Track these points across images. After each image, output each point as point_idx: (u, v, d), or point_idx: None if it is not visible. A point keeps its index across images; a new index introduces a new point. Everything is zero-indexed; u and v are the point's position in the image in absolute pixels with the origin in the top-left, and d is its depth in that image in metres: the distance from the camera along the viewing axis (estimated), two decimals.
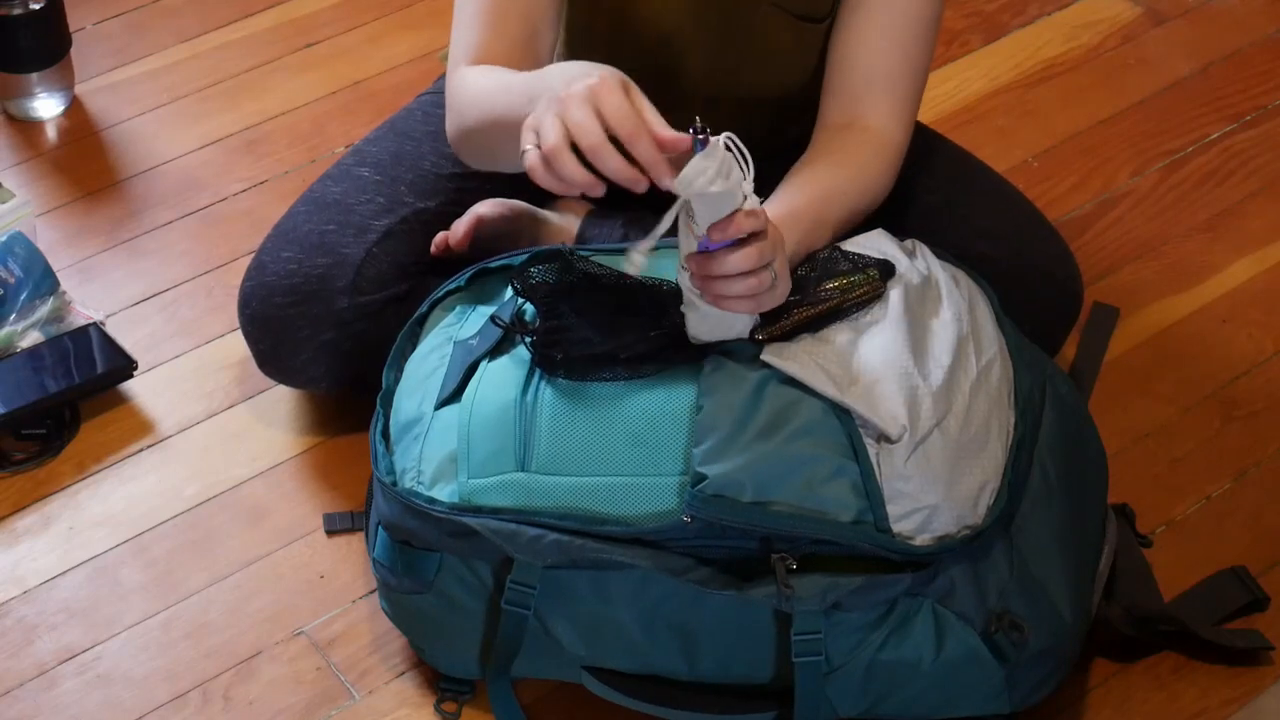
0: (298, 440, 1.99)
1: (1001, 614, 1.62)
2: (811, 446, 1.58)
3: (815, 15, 1.82)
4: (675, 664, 1.67)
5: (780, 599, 1.57)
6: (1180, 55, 2.49)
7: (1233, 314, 2.15)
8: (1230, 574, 1.84)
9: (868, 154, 1.78)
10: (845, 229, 1.76)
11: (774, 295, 1.60)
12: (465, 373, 1.69)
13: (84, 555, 1.88)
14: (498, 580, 1.66)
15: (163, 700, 1.76)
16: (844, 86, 1.80)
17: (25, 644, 1.81)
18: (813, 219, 1.71)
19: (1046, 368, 1.77)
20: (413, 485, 1.67)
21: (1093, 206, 2.28)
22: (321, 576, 1.87)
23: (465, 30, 1.77)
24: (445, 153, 1.96)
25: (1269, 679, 1.78)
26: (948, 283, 1.74)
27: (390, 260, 1.89)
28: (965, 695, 1.66)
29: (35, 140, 2.34)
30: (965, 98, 2.43)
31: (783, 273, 1.59)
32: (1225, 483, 1.96)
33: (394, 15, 2.54)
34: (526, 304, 1.69)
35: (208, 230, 2.23)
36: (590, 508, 1.61)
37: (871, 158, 1.79)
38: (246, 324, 1.92)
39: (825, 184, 1.74)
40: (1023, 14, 2.56)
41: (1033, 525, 1.66)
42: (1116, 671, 1.78)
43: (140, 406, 2.03)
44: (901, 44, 1.79)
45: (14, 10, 2.26)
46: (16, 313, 2.04)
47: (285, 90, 2.42)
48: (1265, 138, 2.37)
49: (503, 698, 1.71)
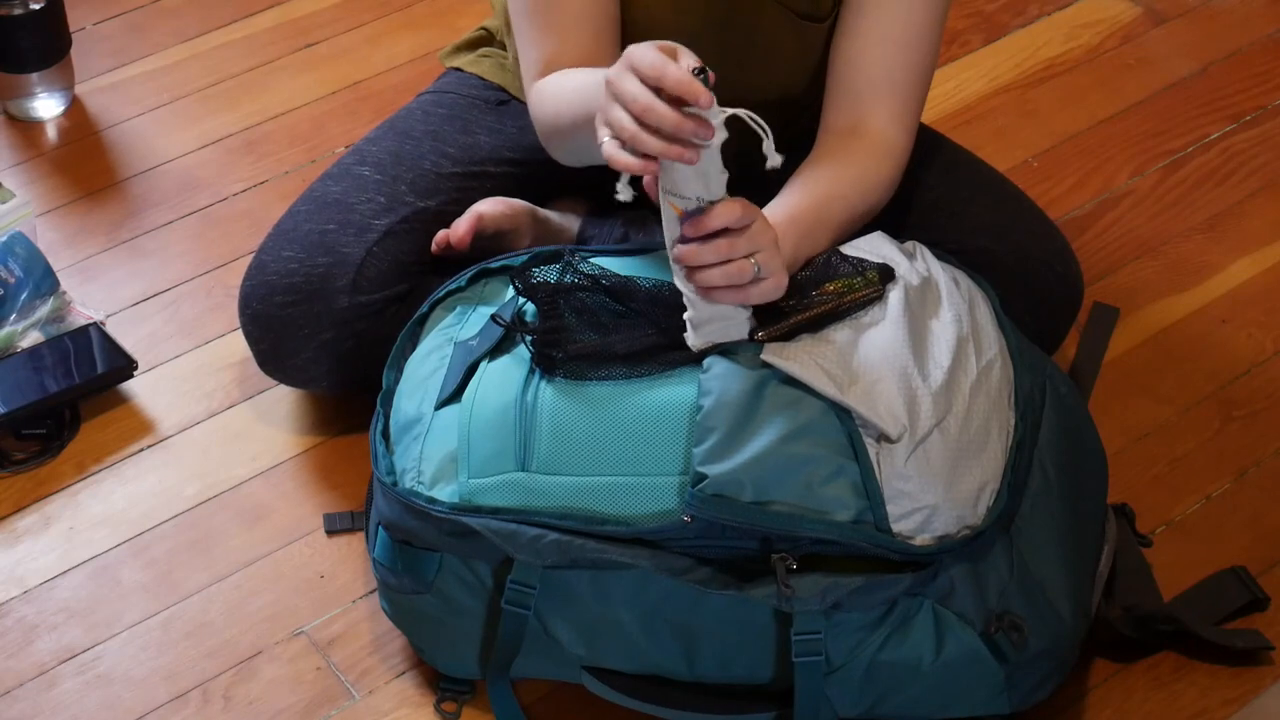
0: (298, 440, 1.99)
1: (1001, 614, 1.62)
2: (811, 446, 1.58)
3: (817, 15, 1.82)
4: (675, 664, 1.67)
5: (780, 599, 1.57)
6: (1180, 55, 2.49)
7: (1233, 314, 2.15)
8: (1230, 574, 1.84)
9: (870, 159, 1.79)
10: (847, 232, 1.76)
11: (763, 289, 1.59)
12: (465, 373, 1.70)
13: (84, 555, 1.88)
14: (498, 580, 1.66)
15: (163, 700, 1.76)
16: (847, 91, 1.80)
17: (25, 644, 1.81)
18: (813, 221, 1.71)
19: (1047, 368, 1.77)
20: (413, 485, 1.67)
21: (1093, 206, 2.28)
22: (321, 576, 1.87)
23: (531, 48, 1.78)
24: (445, 152, 1.96)
25: (1269, 679, 1.78)
26: (948, 283, 1.74)
27: (391, 260, 1.89)
28: (965, 695, 1.66)
29: (35, 140, 2.34)
30: (965, 98, 2.43)
31: (774, 266, 1.59)
32: (1225, 483, 1.96)
33: (394, 15, 2.54)
34: (527, 303, 1.69)
35: (208, 230, 2.23)
36: (590, 508, 1.61)
37: (874, 162, 1.79)
38: (247, 324, 1.92)
39: (827, 187, 1.74)
40: (1023, 14, 2.56)
41: (1033, 525, 1.66)
42: (1116, 671, 1.78)
43: (140, 406, 2.03)
44: (904, 49, 1.79)
45: (14, 10, 2.26)
46: (16, 313, 2.04)
47: (285, 90, 2.42)
48: (1265, 138, 2.37)
49: (503, 698, 1.71)
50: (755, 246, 1.57)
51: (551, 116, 1.74)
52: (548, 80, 1.76)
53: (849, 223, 1.76)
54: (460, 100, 2.01)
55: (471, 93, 2.02)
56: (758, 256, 1.57)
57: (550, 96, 1.74)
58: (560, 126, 1.74)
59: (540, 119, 1.77)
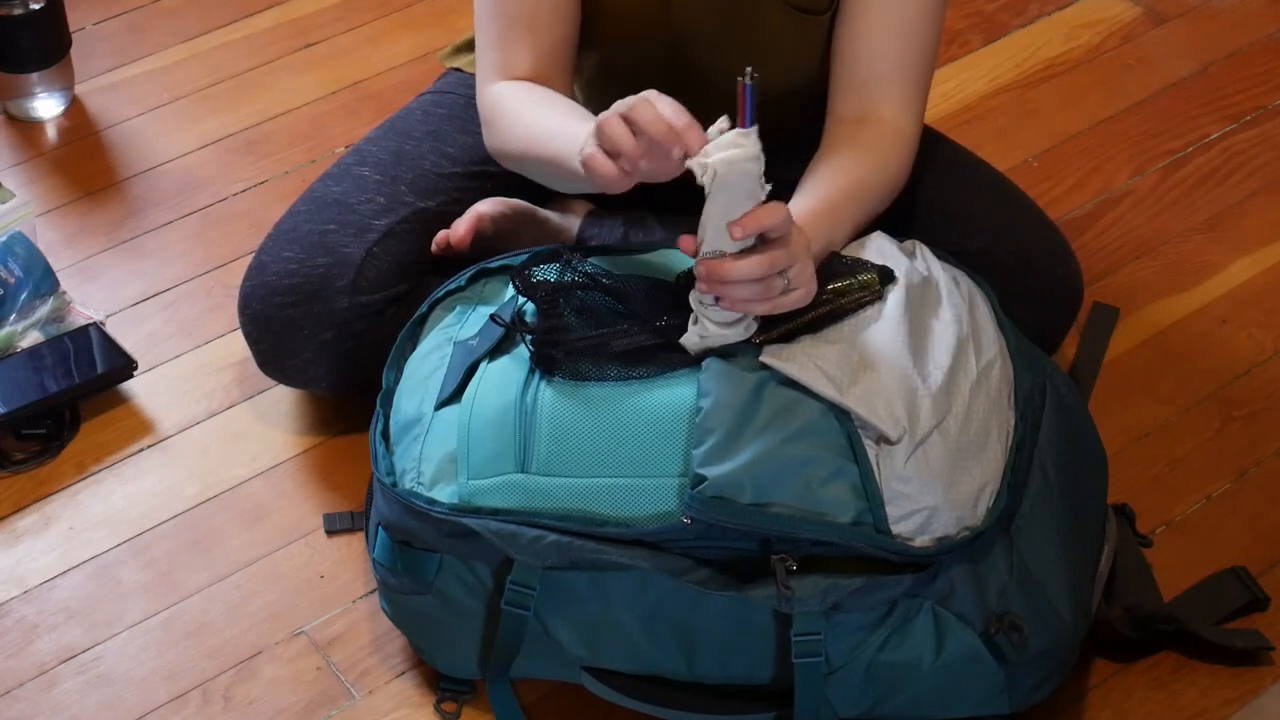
0: (298, 440, 1.99)
1: (1001, 615, 1.61)
2: (811, 448, 1.58)
3: (816, 8, 1.82)
4: (675, 665, 1.67)
5: (780, 600, 1.57)
6: (1180, 55, 2.49)
7: (1233, 314, 2.15)
8: (1230, 574, 1.84)
9: (886, 145, 1.79)
10: (869, 219, 1.76)
11: (793, 299, 1.60)
12: (465, 373, 1.70)
13: (84, 555, 1.88)
14: (497, 581, 1.66)
15: (163, 700, 1.76)
16: (854, 80, 1.81)
17: (25, 644, 1.81)
18: (842, 211, 1.73)
19: (1047, 368, 1.77)
20: (413, 486, 1.67)
21: (1093, 206, 2.28)
22: (321, 576, 1.87)
23: (491, 49, 1.80)
24: (445, 152, 1.96)
25: (1269, 679, 1.78)
26: (948, 284, 1.74)
27: (390, 260, 1.89)
28: (965, 696, 1.66)
29: (35, 140, 2.34)
30: (965, 98, 2.43)
31: (805, 278, 1.60)
32: (1225, 483, 1.96)
33: (394, 15, 2.54)
34: (527, 303, 1.69)
35: (208, 230, 2.23)
36: (590, 509, 1.61)
37: (890, 149, 1.79)
38: (247, 324, 1.92)
39: (851, 175, 1.75)
40: (1023, 14, 2.56)
41: (1033, 526, 1.66)
42: (1116, 671, 1.78)
43: (140, 406, 2.03)
44: (908, 35, 1.79)
45: (14, 10, 2.26)
46: (16, 313, 2.04)
47: (285, 90, 2.42)
48: (1265, 138, 2.37)
49: (503, 698, 1.71)
50: (793, 259, 1.57)
51: (512, 138, 1.78)
52: (506, 96, 1.79)
53: (873, 210, 1.77)
54: (460, 100, 2.01)
55: (471, 93, 2.01)
56: (791, 270, 1.58)
57: (509, 118, 1.78)
58: (510, 152, 1.79)
59: (499, 128, 1.80)
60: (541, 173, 1.76)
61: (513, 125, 1.77)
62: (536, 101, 1.76)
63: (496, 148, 1.82)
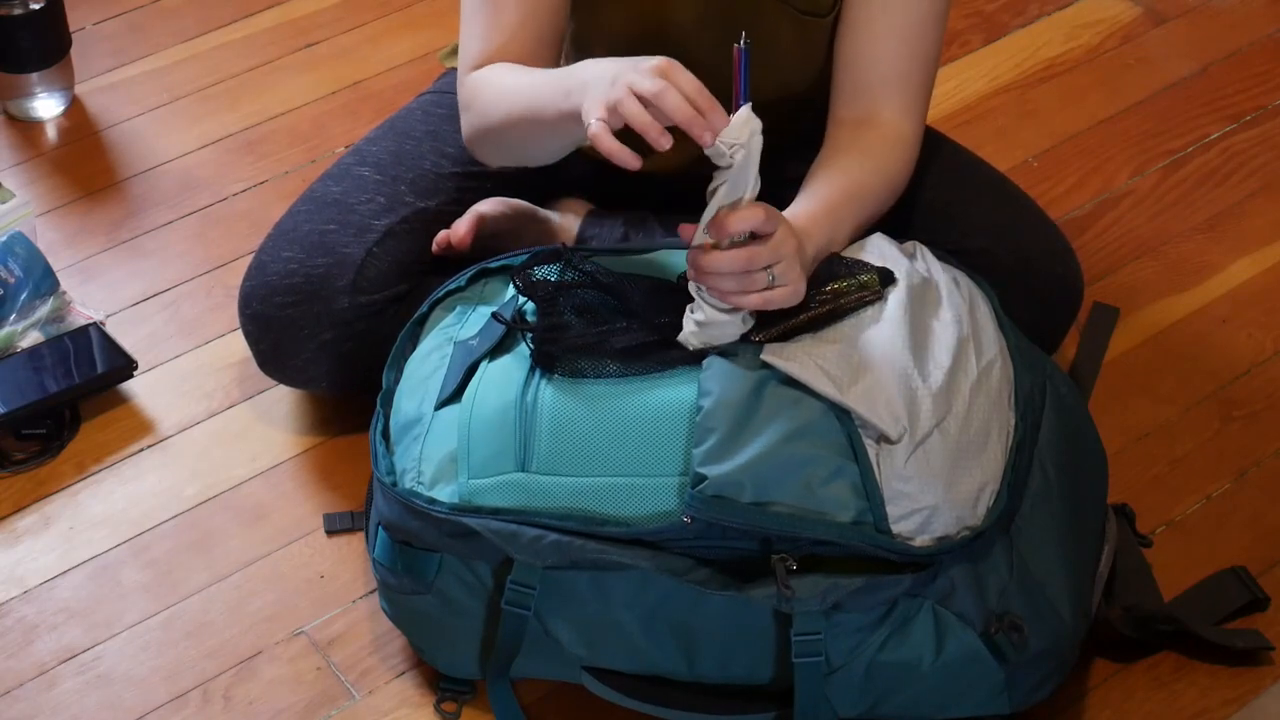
0: (298, 440, 1.99)
1: (1001, 615, 1.61)
2: (811, 447, 1.58)
3: (818, 10, 1.82)
4: (675, 665, 1.67)
5: (780, 600, 1.57)
6: (1180, 55, 2.49)
7: (1233, 314, 2.15)
8: (1230, 574, 1.84)
9: (887, 149, 1.79)
10: (870, 222, 1.77)
11: (780, 295, 1.60)
12: (465, 373, 1.70)
13: (84, 555, 1.88)
14: (498, 581, 1.66)
15: (163, 700, 1.76)
16: (856, 83, 1.81)
17: (25, 644, 1.81)
18: (842, 213, 1.73)
19: (1047, 368, 1.77)
20: (413, 486, 1.67)
21: (1093, 206, 2.28)
22: (321, 576, 1.87)
23: (475, 40, 1.79)
24: (445, 152, 1.96)
25: (1269, 679, 1.78)
26: (948, 284, 1.74)
27: (391, 260, 1.89)
28: (965, 696, 1.66)
29: (35, 140, 2.34)
30: (965, 98, 2.43)
31: (793, 276, 1.60)
32: (1225, 483, 1.96)
33: (394, 15, 2.54)
34: (527, 302, 1.69)
35: (208, 230, 2.23)
36: (590, 509, 1.61)
37: (891, 152, 1.79)
38: (247, 324, 1.92)
39: (852, 178, 1.75)
40: (1023, 14, 2.56)
41: (1033, 526, 1.66)
42: (1116, 671, 1.78)
43: (140, 406, 2.03)
44: (910, 40, 1.79)
45: (14, 10, 2.26)
46: (16, 313, 2.04)
47: (285, 90, 2.42)
48: (1265, 138, 2.37)
49: (503, 698, 1.71)
50: (777, 257, 1.58)
51: (494, 104, 1.75)
52: (484, 73, 1.77)
53: (874, 213, 1.77)
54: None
55: None
56: (776, 267, 1.58)
57: (489, 88, 1.75)
58: (492, 123, 1.75)
59: (479, 106, 1.77)
60: (527, 135, 1.72)
61: (493, 94, 1.75)
62: (516, 70, 1.75)
63: (477, 127, 1.78)
